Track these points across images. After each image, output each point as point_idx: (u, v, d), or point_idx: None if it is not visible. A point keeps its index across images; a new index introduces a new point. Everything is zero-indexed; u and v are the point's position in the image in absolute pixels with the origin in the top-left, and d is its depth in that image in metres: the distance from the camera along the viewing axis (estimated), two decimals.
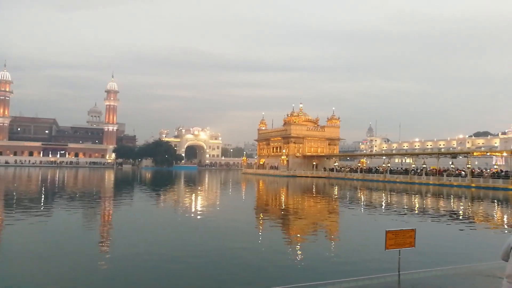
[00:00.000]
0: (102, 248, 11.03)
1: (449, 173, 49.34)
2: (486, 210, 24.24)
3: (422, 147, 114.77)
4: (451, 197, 32.17)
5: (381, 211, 22.30)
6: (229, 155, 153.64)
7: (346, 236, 14.17)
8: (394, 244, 7.47)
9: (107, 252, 10.58)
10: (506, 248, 3.91)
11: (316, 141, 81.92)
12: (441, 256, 10.19)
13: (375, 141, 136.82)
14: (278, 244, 11.97)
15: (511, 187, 39.08)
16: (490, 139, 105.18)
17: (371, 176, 59.68)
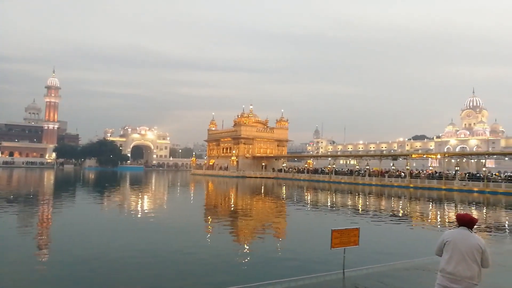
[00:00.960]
0: (38, 253, 10.34)
1: (390, 174, 51.96)
2: (422, 209, 25.78)
3: (365, 149, 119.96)
4: (392, 197, 33.88)
5: (327, 210, 22.96)
6: (178, 155, 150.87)
7: (293, 236, 14.41)
8: (339, 243, 7.69)
9: (43, 257, 9.93)
10: (440, 244, 4.14)
11: (266, 142, 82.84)
12: (383, 253, 10.66)
13: (321, 142, 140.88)
14: (225, 245, 11.90)
15: (443, 187, 41.92)
16: (426, 142, 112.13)
17: (317, 176, 61.34)
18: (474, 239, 3.94)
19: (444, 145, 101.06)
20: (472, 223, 4.06)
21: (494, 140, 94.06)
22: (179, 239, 12.63)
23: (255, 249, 11.54)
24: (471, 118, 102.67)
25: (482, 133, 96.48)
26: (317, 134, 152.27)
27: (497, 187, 38.73)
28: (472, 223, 4.06)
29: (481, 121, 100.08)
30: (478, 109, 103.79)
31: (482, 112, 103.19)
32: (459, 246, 3.92)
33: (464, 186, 40.90)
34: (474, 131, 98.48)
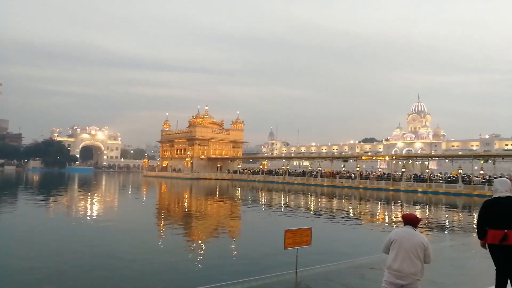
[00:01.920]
0: None
1: (341, 175, 53.64)
2: (371, 209, 26.84)
3: (318, 151, 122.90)
4: (343, 198, 34.97)
5: (281, 211, 23.28)
6: (130, 156, 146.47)
7: (247, 236, 14.47)
8: (292, 243, 7.83)
9: None
10: (387, 242, 4.34)
11: (221, 143, 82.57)
12: (334, 252, 10.98)
13: (276, 144, 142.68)
14: (178, 247, 11.73)
15: (391, 188, 43.93)
16: (375, 145, 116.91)
17: (271, 177, 62.04)
18: (418, 237, 4.17)
19: (392, 147, 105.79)
20: (416, 222, 4.31)
21: (437, 143, 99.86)
22: (130, 242, 12.26)
23: (209, 250, 11.47)
24: (416, 122, 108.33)
25: (426, 137, 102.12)
26: (272, 136, 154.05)
27: (438, 187, 41.16)
28: (416, 222, 4.31)
29: (425, 125, 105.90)
30: (422, 114, 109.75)
31: (426, 117, 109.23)
32: (404, 244, 4.13)
33: (410, 187, 43.10)
34: (419, 134, 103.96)
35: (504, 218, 4.43)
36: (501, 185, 4.68)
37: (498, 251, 4.46)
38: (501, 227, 4.41)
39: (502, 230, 4.39)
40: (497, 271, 4.52)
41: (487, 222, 4.58)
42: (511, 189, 4.69)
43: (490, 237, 4.50)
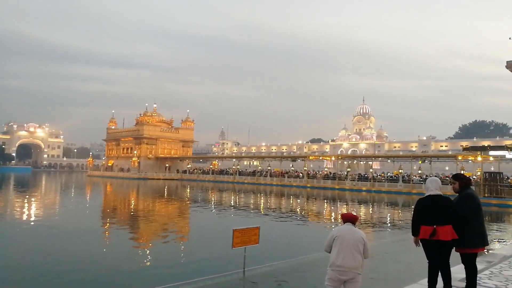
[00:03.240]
0: None
1: (290, 175, 54.71)
2: (318, 207, 27.64)
3: (268, 151, 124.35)
4: (291, 197, 35.69)
5: (230, 211, 23.31)
6: (73, 155, 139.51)
7: (196, 237, 14.35)
8: (240, 242, 7.89)
9: None
10: (329, 240, 4.51)
11: (170, 142, 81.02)
12: (281, 251, 11.18)
13: (227, 144, 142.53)
14: (125, 249, 11.37)
15: (337, 187, 45.48)
16: (322, 145, 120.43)
17: (222, 177, 61.91)
18: (358, 233, 4.40)
19: (338, 148, 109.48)
20: (355, 220, 4.57)
21: (380, 144, 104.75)
22: (72, 247, 11.70)
23: (156, 252, 11.23)
24: (361, 124, 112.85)
25: (370, 138, 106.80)
26: (222, 136, 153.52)
27: (381, 186, 43.23)
28: (354, 219, 4.58)
29: (369, 127, 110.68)
30: (367, 116, 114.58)
31: (370, 119, 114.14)
32: (346, 240, 4.33)
33: (354, 186, 44.87)
34: (363, 135, 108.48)
35: (434, 215, 4.77)
36: (431, 184, 5.03)
37: (429, 245, 4.80)
38: (431, 223, 4.74)
39: (432, 226, 4.72)
40: (429, 264, 4.87)
41: (419, 219, 4.91)
42: (440, 187, 5.09)
43: (422, 233, 4.83)
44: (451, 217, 4.75)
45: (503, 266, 6.43)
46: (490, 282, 5.44)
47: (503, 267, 6.36)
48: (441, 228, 4.69)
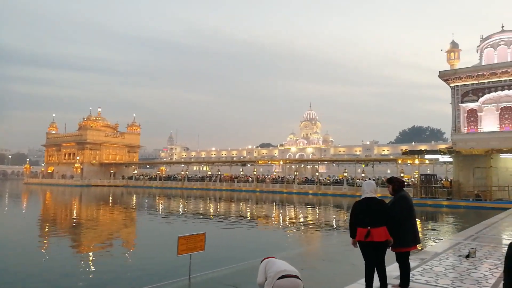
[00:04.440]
0: None
1: (239, 180, 54.83)
2: (266, 211, 27.92)
3: (218, 155, 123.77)
4: (240, 201, 35.75)
5: (178, 217, 22.90)
6: (7, 162, 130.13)
7: (141, 245, 13.95)
8: (186, 249, 7.78)
9: None
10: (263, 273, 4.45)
11: (115, 148, 78.19)
12: (228, 256, 11.16)
13: (175, 149, 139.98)
14: (66, 260, 10.80)
15: (285, 190, 46.28)
16: (271, 150, 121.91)
17: (169, 183, 60.71)
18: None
19: (286, 152, 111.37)
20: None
21: (326, 148, 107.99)
22: (8, 259, 10.90)
23: (100, 261, 10.78)
24: (308, 129, 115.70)
25: (317, 142, 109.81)
26: (171, 141, 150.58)
27: (327, 189, 44.56)
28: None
29: (316, 132, 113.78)
30: (313, 121, 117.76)
31: (316, 124, 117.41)
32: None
33: (302, 189, 45.89)
34: (310, 140, 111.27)
35: (368, 217, 4.99)
36: (367, 186, 5.26)
37: (365, 246, 5.01)
38: (366, 225, 4.96)
39: (366, 228, 4.94)
40: (365, 264, 5.09)
41: (356, 221, 5.12)
42: (376, 190, 5.35)
43: (358, 235, 5.03)
44: (384, 219, 4.97)
45: (434, 262, 6.87)
46: (422, 278, 5.79)
47: (434, 263, 6.80)
48: (375, 229, 4.90)
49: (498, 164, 27.95)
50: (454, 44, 32.87)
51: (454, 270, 6.37)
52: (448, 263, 6.82)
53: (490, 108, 29.70)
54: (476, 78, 29.81)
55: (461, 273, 6.17)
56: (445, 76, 31.16)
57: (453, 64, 32.35)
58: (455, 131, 30.84)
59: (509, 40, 30.48)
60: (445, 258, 7.24)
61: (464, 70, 30.57)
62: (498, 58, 30.27)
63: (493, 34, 31.30)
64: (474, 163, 28.49)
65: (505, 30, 30.91)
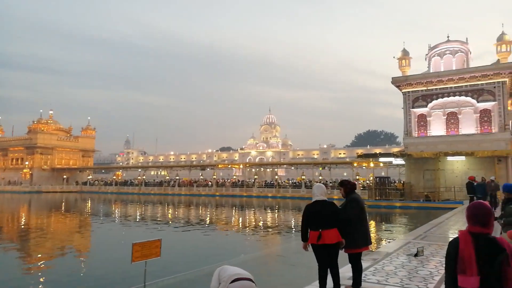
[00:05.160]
0: None
1: (199, 184, 54.31)
2: (225, 215, 27.83)
3: (176, 160, 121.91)
4: (199, 206, 35.40)
5: (134, 224, 22.31)
6: None
7: (95, 253, 13.46)
8: (140, 256, 7.57)
9: None
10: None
11: (68, 152, 75.04)
12: (185, 262, 11.01)
13: (132, 153, 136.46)
14: (15, 269, 10.21)
15: (244, 194, 46.36)
16: (232, 153, 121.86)
17: (126, 188, 59.10)
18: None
19: (246, 156, 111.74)
20: None
21: (285, 152, 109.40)
22: None
23: (52, 270, 10.30)
24: (267, 133, 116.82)
25: (276, 146, 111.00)
26: (128, 145, 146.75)
27: (285, 192, 45.14)
28: None
29: (275, 136, 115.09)
30: (273, 125, 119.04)
31: (276, 128, 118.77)
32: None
33: (261, 193, 46.18)
34: (270, 144, 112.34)
35: (319, 220, 5.09)
36: (317, 189, 5.36)
37: (317, 249, 5.11)
38: (317, 227, 5.06)
39: (318, 231, 5.03)
40: (319, 266, 5.19)
41: (307, 224, 5.20)
42: (326, 192, 5.46)
43: (310, 238, 5.12)
44: (335, 221, 5.08)
45: (385, 262, 7.14)
46: (373, 278, 6.00)
47: (385, 263, 7.06)
48: (326, 232, 4.99)
49: (445, 166, 29.51)
50: (405, 52, 34.46)
51: (404, 268, 6.65)
52: (398, 262, 7.11)
53: (438, 113, 31.36)
54: (425, 85, 31.38)
55: (409, 271, 6.45)
56: (397, 82, 32.57)
57: (404, 71, 33.90)
58: (407, 135, 32.26)
59: (453, 50, 32.40)
60: (396, 258, 7.54)
61: (414, 77, 32.11)
62: (444, 66, 32.07)
63: (439, 44, 33.13)
64: (424, 166, 29.92)
65: (450, 40, 32.82)
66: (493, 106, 29.27)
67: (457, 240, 2.87)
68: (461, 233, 2.88)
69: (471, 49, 33.28)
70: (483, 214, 2.85)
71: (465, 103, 30.34)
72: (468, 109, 30.26)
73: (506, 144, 28.40)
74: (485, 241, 2.78)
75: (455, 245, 2.86)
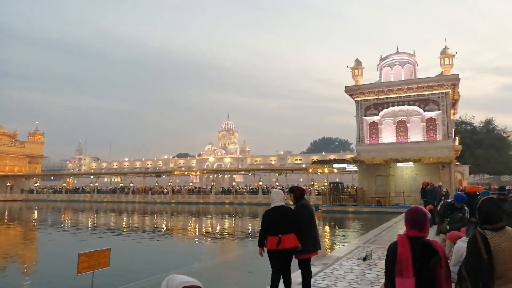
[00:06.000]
0: None
1: (154, 191, 53.06)
2: (179, 223, 27.35)
3: (131, 166, 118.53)
4: (154, 214, 34.56)
5: (84, 233, 21.38)
6: None
7: (40, 265, 12.74)
8: (87, 267, 7.27)
9: None
10: None
11: (13, 158, 70.85)
12: (134, 272, 10.68)
13: (84, 159, 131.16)
14: None
15: (201, 201, 45.86)
16: (189, 160, 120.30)
17: (77, 196, 56.66)
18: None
19: (204, 162, 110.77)
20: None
21: (243, 158, 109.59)
22: None
23: None
24: (226, 139, 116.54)
25: (234, 152, 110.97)
26: (80, 151, 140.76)
27: (243, 198, 45.14)
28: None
29: (234, 142, 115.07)
30: (231, 131, 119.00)
31: (234, 134, 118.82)
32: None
33: (218, 199, 45.89)
34: (228, 150, 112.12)
35: (278, 225, 5.17)
36: (276, 195, 5.45)
37: (275, 254, 5.17)
38: (277, 232, 5.14)
39: (277, 236, 5.11)
40: (272, 271, 5.23)
41: (266, 229, 5.26)
42: (283, 198, 5.56)
43: (269, 243, 5.18)
44: (293, 226, 5.20)
45: (335, 266, 7.31)
46: (323, 283, 6.12)
47: (335, 267, 7.24)
48: (286, 236, 5.10)
49: (395, 172, 30.82)
50: (358, 62, 35.79)
51: (352, 272, 6.84)
52: (348, 266, 7.31)
53: (388, 122, 32.75)
54: (376, 94, 32.71)
55: (358, 275, 6.65)
56: (351, 91, 33.70)
57: (357, 80, 35.18)
58: (359, 142, 33.40)
59: (402, 61, 34.08)
60: (345, 262, 7.75)
61: (367, 86, 33.39)
62: (394, 76, 33.63)
63: (390, 55, 34.73)
64: (375, 172, 31.07)
65: (399, 52, 34.50)
66: (437, 115, 31.01)
67: (396, 244, 3.00)
68: (399, 237, 3.02)
69: (418, 61, 35.17)
70: (419, 219, 3.00)
71: (413, 112, 31.92)
72: (416, 118, 31.87)
73: (449, 151, 30.16)
74: (421, 244, 2.92)
75: (393, 249, 2.99)
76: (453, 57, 33.00)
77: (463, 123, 55.42)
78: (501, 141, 52.99)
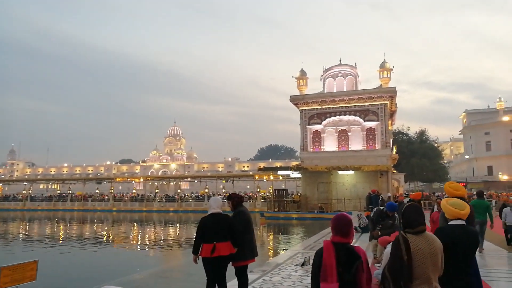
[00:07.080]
0: None
1: (94, 198, 50.71)
2: (122, 231, 26.32)
3: (70, 172, 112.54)
4: (94, 222, 32.99)
5: (11, 245, 19.87)
6: None
7: None
8: (11, 281, 6.75)
9: None
10: None
11: None
12: (66, 284, 10.11)
13: (18, 165, 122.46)
14: None
15: (144, 209, 44.49)
16: (132, 166, 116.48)
17: (7, 204, 52.61)
18: None
19: (149, 169, 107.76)
20: None
21: (190, 165, 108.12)
22: None
23: None
24: (172, 145, 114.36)
25: (181, 159, 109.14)
26: (12, 155, 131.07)
27: (188, 206, 44.42)
28: None
29: (180, 148, 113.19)
30: (178, 137, 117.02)
31: (181, 140, 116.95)
32: None
33: (162, 207, 44.80)
34: (174, 156, 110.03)
35: (214, 232, 5.13)
36: (214, 202, 5.42)
37: (209, 262, 5.11)
38: (211, 240, 5.09)
39: (212, 243, 5.07)
40: (207, 280, 5.17)
41: (202, 237, 5.20)
42: (221, 205, 5.53)
43: (204, 251, 5.12)
44: (229, 233, 5.18)
45: (273, 273, 7.39)
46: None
47: (273, 274, 7.31)
48: (220, 244, 5.07)
49: (337, 180, 31.94)
50: (303, 72, 36.81)
51: (290, 278, 6.95)
52: (286, 273, 7.42)
53: (331, 131, 33.95)
54: (320, 104, 33.81)
55: (295, 281, 6.77)
56: (295, 101, 34.56)
57: (302, 90, 36.15)
58: (303, 150, 34.27)
59: (345, 73, 35.58)
60: (284, 268, 7.86)
61: (310, 96, 34.42)
62: (337, 87, 35.01)
63: (333, 66, 36.13)
64: (318, 179, 32.00)
65: (342, 64, 36.00)
66: (376, 126, 32.66)
67: (322, 250, 3.10)
68: (325, 243, 3.12)
69: (360, 73, 36.90)
70: (344, 226, 3.12)
71: (354, 122, 33.36)
72: (357, 127, 33.33)
73: (387, 160, 31.83)
74: (345, 250, 3.04)
75: (319, 254, 3.08)
76: (391, 71, 35.00)
77: (400, 133, 58.83)
78: (432, 150, 56.95)
